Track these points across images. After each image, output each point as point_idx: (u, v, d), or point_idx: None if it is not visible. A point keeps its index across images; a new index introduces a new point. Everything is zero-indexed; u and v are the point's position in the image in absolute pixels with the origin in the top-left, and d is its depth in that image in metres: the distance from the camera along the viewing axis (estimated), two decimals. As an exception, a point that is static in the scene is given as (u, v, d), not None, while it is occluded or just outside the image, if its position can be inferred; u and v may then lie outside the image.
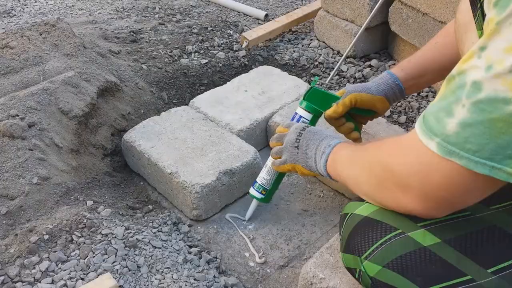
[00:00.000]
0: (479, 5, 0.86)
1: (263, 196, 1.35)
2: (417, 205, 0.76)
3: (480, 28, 0.88)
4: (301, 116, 1.28)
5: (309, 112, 1.27)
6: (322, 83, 1.32)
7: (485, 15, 0.86)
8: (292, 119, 1.30)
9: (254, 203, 1.40)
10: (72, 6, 2.60)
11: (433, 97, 1.88)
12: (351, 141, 1.29)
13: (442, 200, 0.73)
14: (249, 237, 1.39)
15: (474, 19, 0.91)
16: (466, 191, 0.70)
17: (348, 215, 0.93)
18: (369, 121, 1.38)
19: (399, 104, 1.86)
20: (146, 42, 2.11)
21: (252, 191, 1.36)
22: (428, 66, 1.25)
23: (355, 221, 0.90)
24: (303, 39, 2.30)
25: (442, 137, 0.67)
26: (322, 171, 1.06)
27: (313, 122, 1.28)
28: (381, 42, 2.15)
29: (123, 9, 2.53)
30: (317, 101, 1.27)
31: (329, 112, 1.26)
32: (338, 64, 1.40)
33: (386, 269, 0.83)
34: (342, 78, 2.04)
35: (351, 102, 1.24)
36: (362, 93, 1.25)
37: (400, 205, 0.79)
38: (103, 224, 1.24)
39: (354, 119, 1.30)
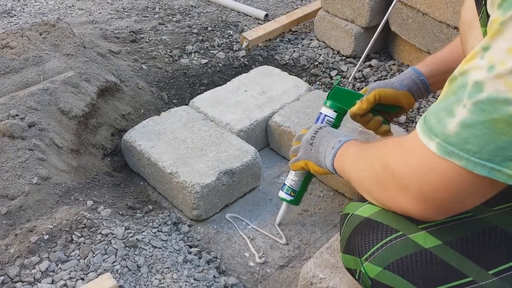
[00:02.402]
0: (483, 1, 0.86)
1: (292, 198, 1.32)
2: (414, 206, 0.75)
3: (484, 25, 0.87)
4: (326, 115, 1.28)
5: (334, 110, 1.28)
6: (343, 83, 1.36)
7: (490, 14, 0.87)
8: (317, 119, 1.30)
9: (284, 206, 1.38)
10: (72, 6, 2.60)
11: (433, 97, 1.87)
12: (362, 139, 1.28)
13: (440, 202, 0.72)
14: (249, 237, 1.39)
15: (479, 15, 0.90)
16: (465, 193, 0.69)
17: (349, 216, 0.93)
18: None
19: (399, 104, 1.86)
20: (146, 42, 2.11)
21: (281, 194, 1.33)
22: (455, 60, 1.23)
23: (356, 222, 0.90)
24: (303, 39, 2.30)
25: (442, 137, 0.66)
26: (329, 166, 1.06)
27: (338, 120, 1.29)
28: (381, 42, 2.15)
29: (123, 9, 2.53)
30: (341, 99, 1.27)
31: (353, 109, 1.26)
32: (358, 64, 1.41)
33: (386, 270, 0.83)
34: (342, 78, 2.04)
35: (375, 97, 1.24)
36: (386, 88, 1.25)
37: (399, 205, 0.79)
38: (103, 224, 1.24)
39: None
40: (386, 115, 1.31)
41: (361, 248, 0.87)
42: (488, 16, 0.89)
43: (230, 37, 2.22)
